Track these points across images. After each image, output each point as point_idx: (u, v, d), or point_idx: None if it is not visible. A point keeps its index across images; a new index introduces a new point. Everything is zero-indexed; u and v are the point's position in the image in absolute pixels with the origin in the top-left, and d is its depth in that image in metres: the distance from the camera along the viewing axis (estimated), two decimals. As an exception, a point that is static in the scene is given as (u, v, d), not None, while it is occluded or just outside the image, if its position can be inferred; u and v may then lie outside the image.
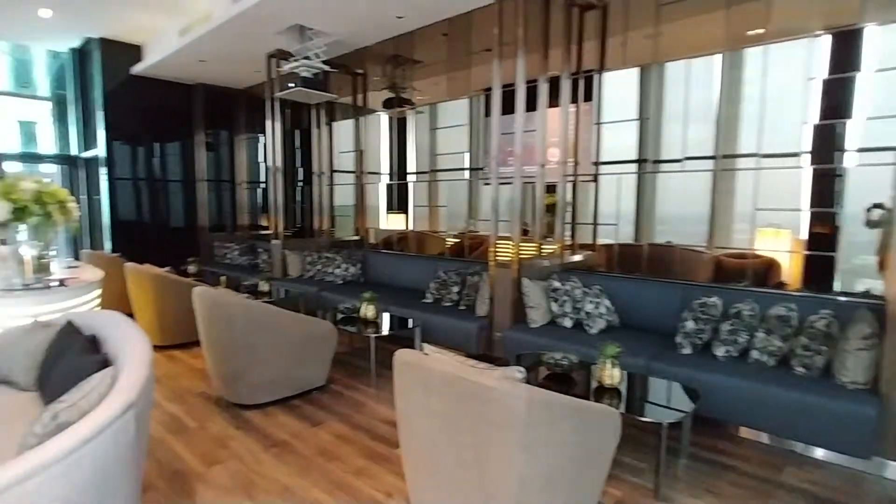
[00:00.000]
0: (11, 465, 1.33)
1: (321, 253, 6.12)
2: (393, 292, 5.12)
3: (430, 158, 6.47)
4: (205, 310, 3.24)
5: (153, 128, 8.00)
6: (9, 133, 10.21)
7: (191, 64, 6.91)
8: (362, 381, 3.84)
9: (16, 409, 2.25)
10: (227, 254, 7.80)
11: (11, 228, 3.22)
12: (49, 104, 8.73)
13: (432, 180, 6.42)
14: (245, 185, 8.69)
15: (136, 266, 4.57)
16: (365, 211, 6.84)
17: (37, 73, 8.93)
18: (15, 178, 3.20)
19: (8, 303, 3.13)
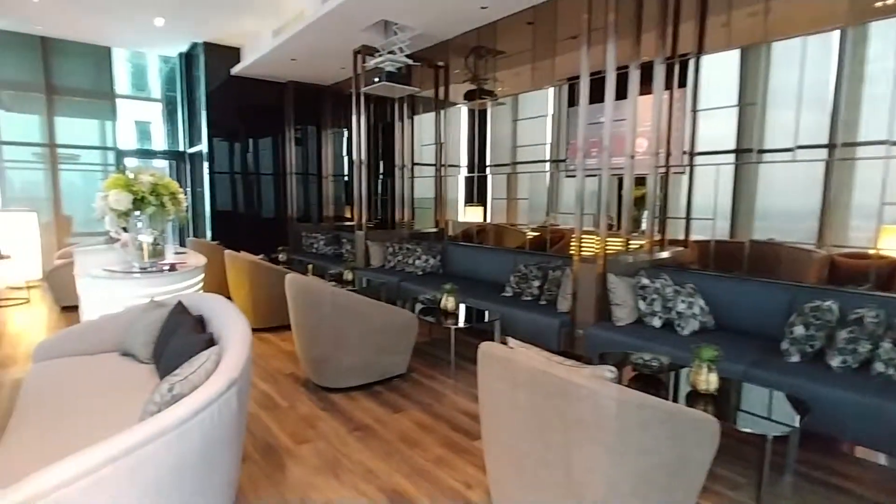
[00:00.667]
0: (135, 430, 1.46)
1: (402, 244, 6.25)
2: (472, 285, 5.12)
3: (509, 151, 6.38)
4: (296, 295, 3.41)
5: (248, 125, 8.55)
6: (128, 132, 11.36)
7: (283, 63, 7.28)
8: (441, 371, 3.87)
9: (137, 379, 2.49)
10: (314, 243, 8.19)
11: (132, 217, 3.56)
12: (160, 105, 9.58)
13: (512, 173, 6.33)
14: (331, 177, 9.07)
15: (234, 253, 4.91)
16: (444, 203, 6.89)
17: (150, 77, 9.81)
18: (135, 172, 3.53)
19: (128, 284, 3.47)
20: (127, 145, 8.96)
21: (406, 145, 7.24)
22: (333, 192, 9.13)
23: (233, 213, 8.53)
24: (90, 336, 2.94)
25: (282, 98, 8.66)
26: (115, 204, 3.42)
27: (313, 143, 9.18)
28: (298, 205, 9.05)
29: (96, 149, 8.56)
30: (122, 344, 2.88)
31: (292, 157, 8.83)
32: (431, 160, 6.98)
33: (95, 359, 2.82)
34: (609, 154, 3.81)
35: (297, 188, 8.97)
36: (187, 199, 8.31)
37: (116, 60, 8.79)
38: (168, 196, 3.59)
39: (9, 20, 6.89)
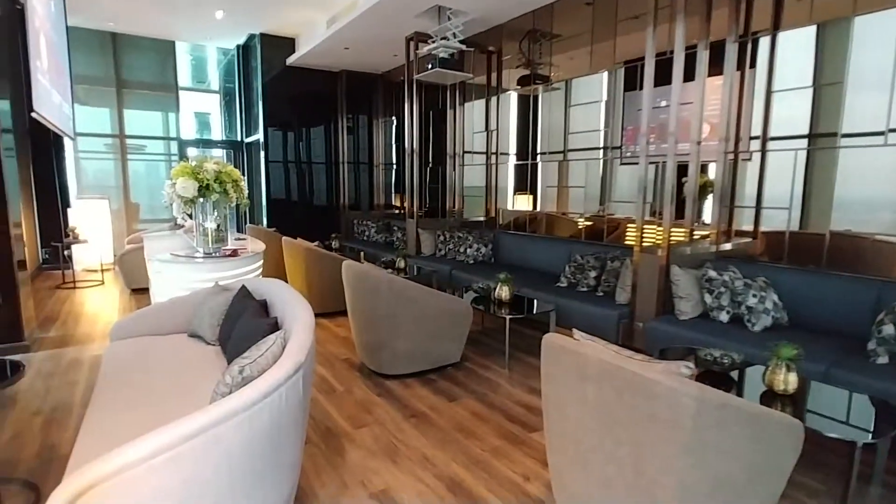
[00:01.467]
0: (208, 410, 1.50)
1: (453, 232, 6.23)
2: (524, 274, 5.04)
3: (561, 138, 6.22)
4: (353, 281, 3.45)
5: (302, 114, 8.72)
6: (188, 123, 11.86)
7: (336, 51, 7.35)
8: (495, 361, 3.84)
9: (205, 360, 2.59)
10: (365, 231, 8.30)
11: (198, 204, 3.69)
12: (218, 96, 9.93)
13: (564, 160, 6.17)
14: (382, 166, 9.15)
15: (291, 240, 5.03)
16: (495, 192, 6.80)
17: (210, 69, 10.18)
18: (199, 161, 3.66)
19: (194, 268, 3.61)
20: (188, 136, 9.34)
21: (458, 133, 7.18)
22: (384, 180, 9.21)
23: (287, 201, 8.76)
24: (161, 317, 3.08)
25: (335, 87, 8.78)
26: (182, 191, 3.56)
27: (365, 131, 9.28)
28: (350, 193, 9.19)
29: (160, 139, 8.98)
30: (190, 325, 3.00)
31: (344, 145, 8.96)
32: (481, 148, 6.90)
33: (166, 339, 2.96)
34: (675, 139, 3.63)
35: (348, 177, 9.12)
36: (245, 187, 8.53)
37: (179, 54, 9.18)
38: (231, 183, 3.70)
39: (83, 17, 7.27)
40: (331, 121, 8.95)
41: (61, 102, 4.60)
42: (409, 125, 6.60)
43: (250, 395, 1.59)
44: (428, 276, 5.48)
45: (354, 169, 9.29)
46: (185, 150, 8.93)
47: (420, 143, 6.77)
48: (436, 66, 5.48)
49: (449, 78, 5.91)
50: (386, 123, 9.08)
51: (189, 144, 9.08)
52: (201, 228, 3.78)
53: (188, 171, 3.58)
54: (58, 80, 4.40)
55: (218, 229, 3.84)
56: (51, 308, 5.40)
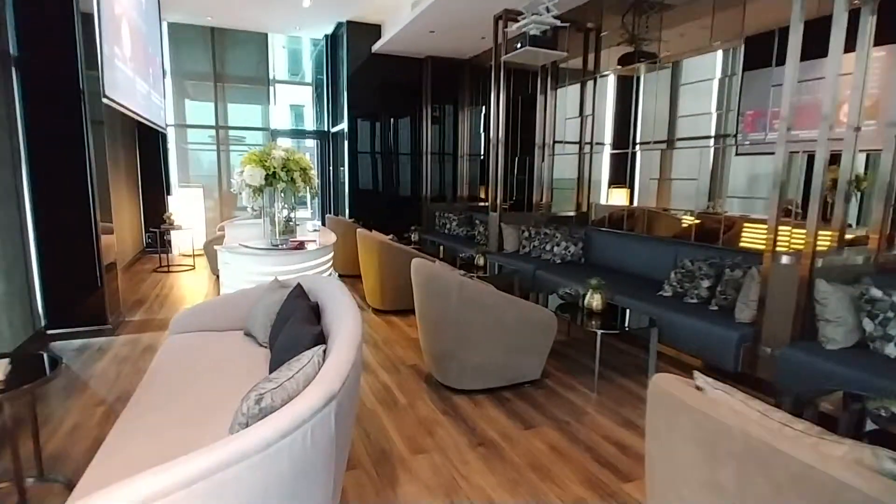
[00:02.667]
0: (212, 450, 1.19)
1: (539, 228, 5.70)
2: (620, 279, 4.42)
3: (664, 124, 5.45)
4: (422, 282, 3.09)
5: (387, 103, 8.55)
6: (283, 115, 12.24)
7: (421, 36, 7.04)
8: (581, 380, 3.31)
9: (254, 365, 2.34)
10: (446, 224, 7.97)
11: (266, 193, 3.51)
12: (311, 88, 10.06)
13: (669, 149, 5.39)
14: (467, 157, 8.75)
15: (366, 232, 4.79)
16: (588, 184, 6.16)
17: (304, 62, 10.36)
18: (267, 147, 3.47)
19: (257, 260, 3.44)
20: (281, 126, 9.55)
21: (548, 121, 6.59)
22: (469, 171, 8.82)
23: (370, 192, 8.66)
24: (219, 312, 2.91)
25: (420, 75, 8.50)
26: (249, 179, 3.39)
27: (450, 121, 8.94)
28: (434, 184, 8.91)
29: (252, 129, 9.25)
30: (246, 323, 2.80)
31: (428, 135, 8.68)
32: (573, 137, 6.28)
33: (221, 337, 2.77)
34: (831, 124, 2.85)
35: (432, 168, 8.83)
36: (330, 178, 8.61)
37: (276, 48, 9.42)
38: (298, 171, 3.48)
39: (184, 13, 7.58)
40: (415, 110, 8.70)
41: (150, 92, 4.69)
42: (496, 112, 6.13)
43: (264, 435, 1.26)
44: (509, 277, 5.02)
45: (439, 160, 8.99)
46: (277, 141, 9.13)
47: (507, 132, 6.27)
48: (526, 44, 4.96)
49: (540, 58, 5.35)
50: (472, 112, 8.66)
51: (281, 135, 9.28)
52: (268, 219, 3.60)
53: (255, 158, 3.40)
54: (145, 69, 4.47)
55: (287, 220, 3.65)
56: (144, 291, 5.62)
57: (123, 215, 6.62)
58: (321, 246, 3.73)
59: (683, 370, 3.45)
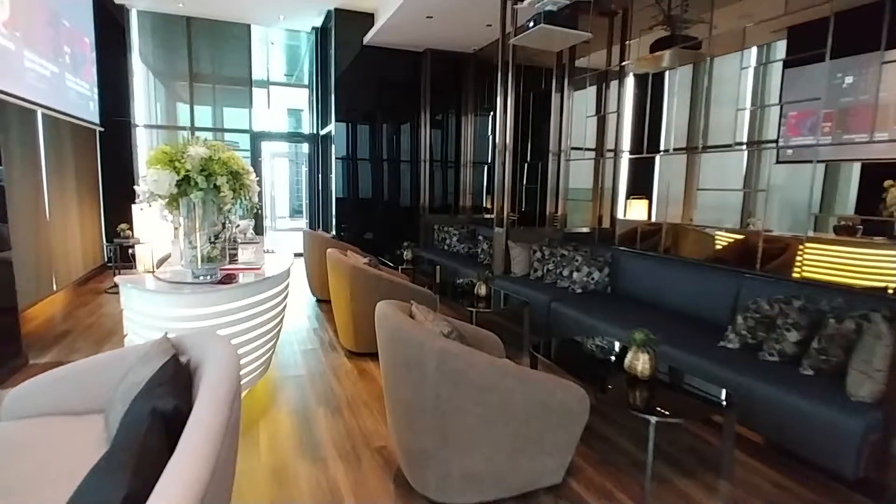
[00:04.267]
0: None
1: (554, 248, 4.68)
2: (660, 318, 3.41)
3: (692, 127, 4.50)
4: (386, 341, 2.09)
5: (380, 104, 7.62)
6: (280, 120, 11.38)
7: (418, 23, 6.10)
8: (624, 481, 2.27)
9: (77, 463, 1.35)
10: (446, 239, 6.98)
11: (184, 203, 2.54)
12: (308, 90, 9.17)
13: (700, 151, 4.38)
14: (471, 164, 7.76)
15: (336, 255, 3.80)
16: (611, 195, 5.15)
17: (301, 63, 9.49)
18: (184, 142, 2.50)
19: (165, 300, 2.46)
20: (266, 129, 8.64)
21: (565, 124, 5.60)
22: (473, 180, 7.82)
23: (360, 202, 7.70)
24: (75, 387, 1.93)
25: (418, 71, 7.56)
26: (154, 186, 2.42)
27: (452, 123, 7.97)
28: (436, 194, 7.93)
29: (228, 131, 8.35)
30: (108, 404, 1.82)
31: (428, 139, 7.71)
32: (587, 142, 5.33)
33: (70, 426, 1.80)
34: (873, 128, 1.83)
35: (431, 175, 7.85)
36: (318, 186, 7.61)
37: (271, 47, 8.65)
38: (226, 176, 2.50)
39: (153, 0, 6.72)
40: (412, 111, 7.74)
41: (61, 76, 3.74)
42: (503, 114, 5.15)
43: None
44: (517, 310, 4.01)
45: (442, 167, 8.01)
46: (260, 145, 8.21)
47: (515, 136, 5.28)
48: (541, 21, 3.98)
49: (557, 40, 4.37)
50: (477, 114, 7.69)
51: (266, 138, 8.36)
52: (187, 241, 2.62)
53: (163, 156, 2.43)
54: (50, 45, 3.52)
55: (210, 241, 2.67)
56: (78, 318, 4.67)
57: (71, 226, 5.70)
58: (261, 278, 2.75)
59: (770, 463, 2.41)
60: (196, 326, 2.45)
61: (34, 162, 4.39)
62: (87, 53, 4.31)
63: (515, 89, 5.12)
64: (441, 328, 1.99)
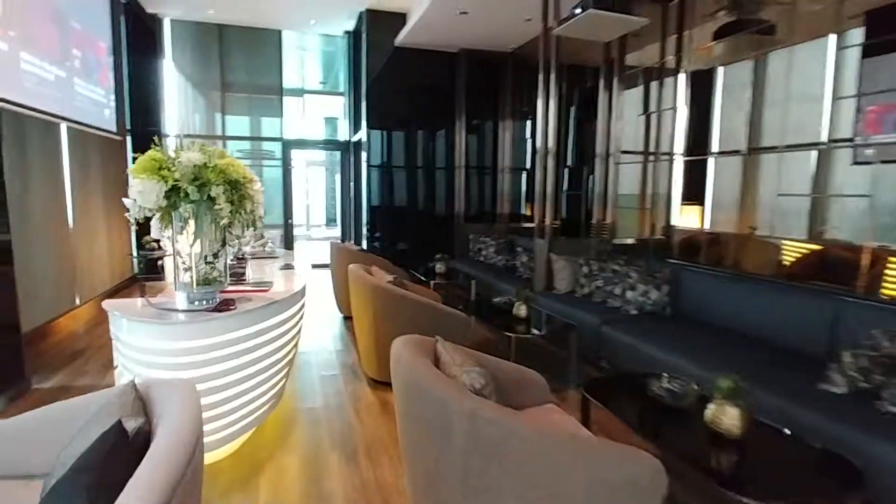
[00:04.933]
0: None
1: (604, 263, 4.17)
2: (737, 350, 2.87)
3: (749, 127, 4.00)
4: (402, 391, 1.67)
5: (414, 110, 7.27)
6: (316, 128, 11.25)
7: (452, 18, 5.70)
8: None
9: None
10: (482, 250, 6.54)
11: (176, 220, 2.20)
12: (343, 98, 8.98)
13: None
14: (508, 169, 7.29)
15: (358, 272, 3.42)
16: (667, 202, 4.61)
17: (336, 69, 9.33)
18: (177, 149, 2.17)
19: (142, 332, 2.11)
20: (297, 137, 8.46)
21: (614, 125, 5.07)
22: (511, 186, 7.35)
23: (394, 211, 7.35)
24: (19, 445, 1.59)
25: (453, 73, 7.17)
26: (140, 198, 2.09)
27: (488, 128, 7.54)
28: (468, 202, 7.50)
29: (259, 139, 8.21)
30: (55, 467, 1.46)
31: (463, 144, 7.29)
32: (635, 145, 4.84)
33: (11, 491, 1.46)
34: None
35: (466, 182, 7.42)
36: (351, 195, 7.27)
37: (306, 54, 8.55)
38: (223, 186, 2.15)
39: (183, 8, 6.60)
40: (447, 115, 7.35)
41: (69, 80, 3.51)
42: (544, 114, 4.69)
43: None
44: (561, 334, 3.53)
45: (478, 174, 7.58)
46: (290, 153, 8.01)
47: (558, 140, 4.80)
48: (589, 5, 3.51)
49: (607, 28, 3.89)
50: (515, 117, 7.22)
51: (295, 146, 8.16)
52: (181, 261, 2.28)
53: (150, 164, 2.10)
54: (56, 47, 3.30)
55: (208, 262, 2.32)
56: (95, 336, 4.47)
57: (98, 237, 5.57)
58: (265, 303, 2.38)
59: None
60: (185, 361, 2.10)
61: (55, 172, 4.23)
62: (101, 58, 4.12)
63: (558, 87, 4.65)
64: (472, 379, 1.55)
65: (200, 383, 2.14)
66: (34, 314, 4.14)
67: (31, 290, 4.04)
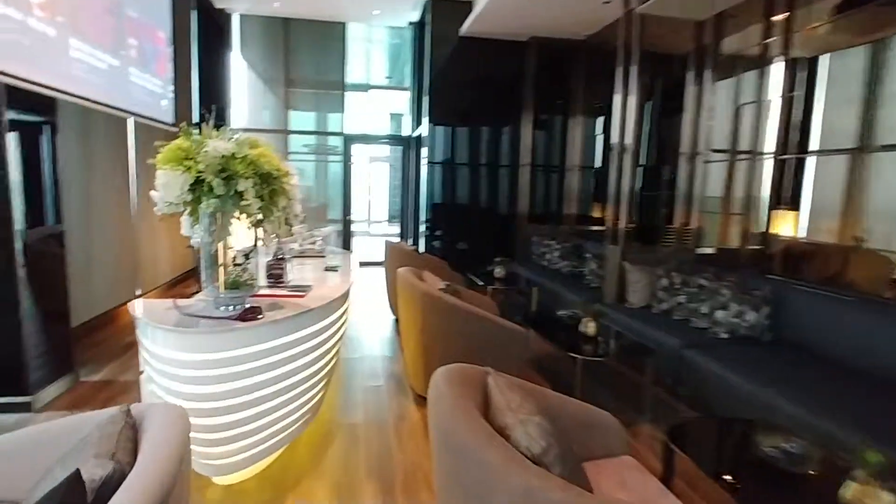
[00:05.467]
0: None
1: (686, 276, 3.63)
2: (871, 395, 2.30)
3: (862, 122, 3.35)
4: (440, 441, 1.33)
5: (479, 104, 6.91)
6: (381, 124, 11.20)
7: (520, 3, 5.29)
8: None
9: None
10: (546, 253, 6.08)
11: (204, 217, 1.98)
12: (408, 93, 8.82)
13: None
14: (578, 168, 6.77)
15: (408, 277, 3.11)
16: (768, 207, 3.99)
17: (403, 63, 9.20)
18: (204, 136, 1.94)
19: (160, 340, 1.90)
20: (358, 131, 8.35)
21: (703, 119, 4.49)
22: (578, 185, 6.82)
23: (455, 209, 7.04)
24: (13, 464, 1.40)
25: (520, 64, 6.73)
26: (164, 191, 1.88)
27: (557, 123, 7.04)
28: (533, 201, 7.05)
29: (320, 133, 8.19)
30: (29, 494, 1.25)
31: (529, 140, 6.85)
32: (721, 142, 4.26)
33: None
34: None
35: (533, 181, 6.97)
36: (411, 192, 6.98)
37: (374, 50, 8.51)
38: (252, 178, 1.90)
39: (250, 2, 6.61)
40: (513, 109, 6.93)
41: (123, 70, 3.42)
42: (622, 107, 4.20)
43: None
44: (635, 355, 3.06)
45: (544, 172, 7.12)
46: (351, 148, 7.90)
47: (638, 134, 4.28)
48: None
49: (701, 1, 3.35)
50: (586, 112, 6.69)
51: (356, 141, 8.04)
52: (205, 263, 2.06)
53: (175, 154, 1.89)
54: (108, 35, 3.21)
55: (238, 263, 2.09)
56: (151, 329, 4.47)
57: (160, 228, 5.64)
58: (298, 311, 2.11)
59: None
60: (203, 375, 1.87)
61: (120, 163, 4.26)
62: (160, 48, 4.07)
63: (640, 78, 4.13)
64: (530, 439, 1.18)
65: (221, 400, 1.92)
66: (93, 303, 4.19)
67: (89, 281, 4.08)
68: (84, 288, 3.96)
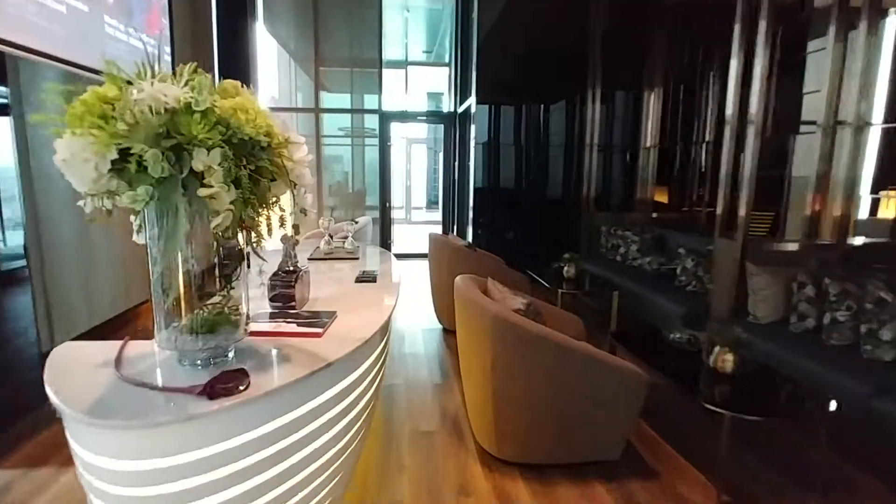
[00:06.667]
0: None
1: (845, 283, 2.62)
2: None
3: None
4: None
5: (534, 75, 5.94)
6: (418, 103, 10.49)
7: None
8: None
9: None
10: (619, 247, 5.12)
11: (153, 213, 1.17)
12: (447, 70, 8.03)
13: None
14: (654, 148, 5.70)
15: (468, 288, 2.25)
16: None
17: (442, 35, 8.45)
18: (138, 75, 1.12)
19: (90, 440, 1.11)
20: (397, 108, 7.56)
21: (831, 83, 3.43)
22: (655, 164, 5.76)
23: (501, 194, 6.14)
24: None
25: (584, 27, 5.69)
26: (67, 169, 1.08)
27: (629, 97, 5.99)
28: (605, 185, 6.06)
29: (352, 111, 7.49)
30: None
31: (596, 117, 5.81)
32: None
33: None
34: None
35: (604, 162, 5.96)
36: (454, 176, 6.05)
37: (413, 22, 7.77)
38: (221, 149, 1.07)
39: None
40: (574, 82, 5.90)
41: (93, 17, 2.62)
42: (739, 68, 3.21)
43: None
44: (794, 407, 2.12)
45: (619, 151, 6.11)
46: (389, 128, 7.08)
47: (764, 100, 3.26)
48: None
49: None
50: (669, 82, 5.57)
51: (394, 118, 7.21)
52: (154, 289, 1.25)
53: (96, 106, 1.07)
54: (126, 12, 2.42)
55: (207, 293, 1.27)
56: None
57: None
58: (309, 371, 1.28)
59: None
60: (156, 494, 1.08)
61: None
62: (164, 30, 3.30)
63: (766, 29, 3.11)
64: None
65: None
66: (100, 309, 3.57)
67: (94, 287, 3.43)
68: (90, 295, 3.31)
